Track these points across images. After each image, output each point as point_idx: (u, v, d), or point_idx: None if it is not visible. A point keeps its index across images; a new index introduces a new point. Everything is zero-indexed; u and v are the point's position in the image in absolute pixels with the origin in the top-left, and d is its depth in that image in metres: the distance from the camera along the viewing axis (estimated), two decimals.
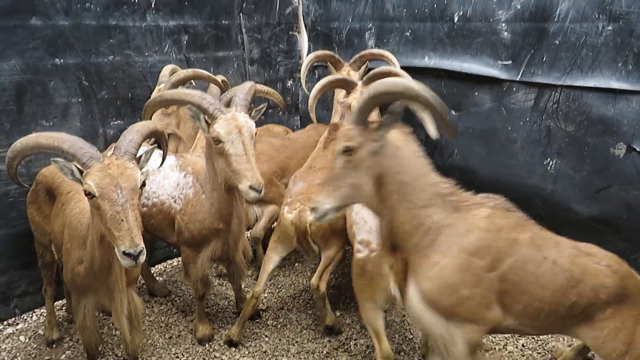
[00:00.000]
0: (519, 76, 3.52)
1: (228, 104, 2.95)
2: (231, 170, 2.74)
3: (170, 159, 3.33)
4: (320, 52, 4.43)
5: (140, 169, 2.31)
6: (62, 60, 3.55)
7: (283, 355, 3.33)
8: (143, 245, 2.13)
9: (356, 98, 3.66)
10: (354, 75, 4.16)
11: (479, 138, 3.87)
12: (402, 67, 4.11)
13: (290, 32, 5.16)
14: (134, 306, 2.77)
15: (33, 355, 3.39)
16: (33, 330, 3.65)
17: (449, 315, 2.21)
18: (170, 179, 3.24)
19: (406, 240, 2.25)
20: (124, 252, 2.11)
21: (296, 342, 3.46)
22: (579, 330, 2.30)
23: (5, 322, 3.71)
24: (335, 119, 4.14)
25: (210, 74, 3.60)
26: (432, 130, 2.55)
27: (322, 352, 3.34)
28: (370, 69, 3.86)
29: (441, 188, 2.23)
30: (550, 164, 3.50)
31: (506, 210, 2.30)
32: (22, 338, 3.58)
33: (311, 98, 3.71)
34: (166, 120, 3.77)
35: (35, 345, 3.49)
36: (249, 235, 3.95)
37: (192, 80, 3.66)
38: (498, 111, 3.71)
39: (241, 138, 2.73)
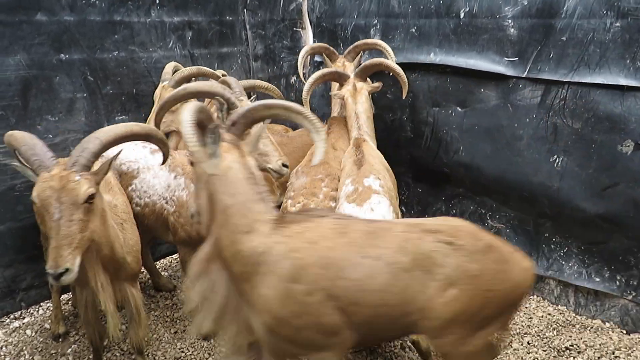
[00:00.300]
0: (526, 73, 3.50)
1: None
2: (259, 153, 2.89)
3: (160, 156, 3.32)
4: (315, 45, 4.44)
5: (102, 178, 2.26)
6: (67, 56, 3.55)
7: None
8: (68, 266, 2.07)
9: (349, 90, 3.66)
10: (349, 67, 4.16)
11: (484, 135, 3.85)
12: (408, 64, 4.10)
13: (295, 29, 5.15)
14: (133, 301, 2.78)
15: (39, 349, 3.41)
16: (39, 324, 3.67)
17: (297, 344, 2.14)
18: (160, 179, 3.23)
19: (231, 266, 2.14)
20: (45, 269, 2.08)
21: None
22: (421, 326, 2.09)
23: (11, 316, 3.73)
24: (334, 112, 4.15)
25: (214, 71, 3.60)
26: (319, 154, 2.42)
27: None
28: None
29: (263, 215, 2.13)
30: (557, 161, 3.48)
31: (319, 217, 2.16)
32: (28, 332, 3.60)
33: (305, 91, 3.72)
34: (170, 117, 3.77)
35: (41, 339, 3.51)
36: None
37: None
38: (504, 108, 3.69)
39: (261, 123, 2.86)
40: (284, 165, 2.95)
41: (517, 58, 3.53)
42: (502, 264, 2.08)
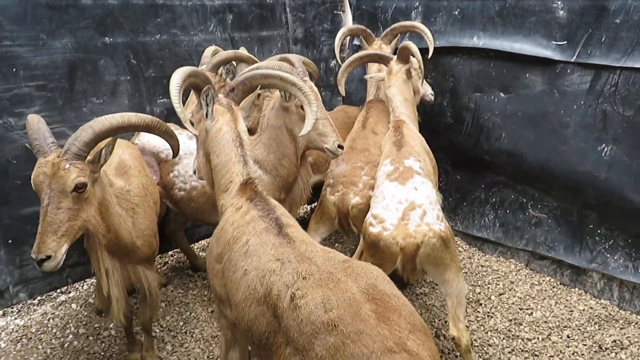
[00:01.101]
0: (575, 57, 3.34)
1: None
2: (317, 133, 2.96)
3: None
4: (352, 26, 4.40)
5: (100, 166, 2.26)
6: (111, 39, 3.62)
7: None
8: (50, 253, 2.08)
9: (385, 73, 3.60)
10: (386, 49, 4.11)
11: (528, 122, 3.72)
12: (449, 48, 4.00)
13: (335, 12, 5.09)
14: (147, 284, 2.78)
15: (84, 323, 3.57)
16: (84, 299, 3.84)
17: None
18: None
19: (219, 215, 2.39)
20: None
21: None
22: None
23: (58, 290, 3.91)
24: (369, 95, 4.09)
25: (251, 55, 3.61)
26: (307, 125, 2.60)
27: None
28: None
29: (237, 177, 2.29)
30: (605, 150, 3.33)
31: (253, 208, 2.17)
32: (73, 305, 3.77)
33: (340, 72, 3.69)
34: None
35: (85, 313, 3.67)
36: None
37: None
38: (550, 94, 3.55)
39: (320, 104, 2.96)
40: (340, 147, 3.00)
41: (565, 42, 3.38)
42: (339, 357, 1.57)
